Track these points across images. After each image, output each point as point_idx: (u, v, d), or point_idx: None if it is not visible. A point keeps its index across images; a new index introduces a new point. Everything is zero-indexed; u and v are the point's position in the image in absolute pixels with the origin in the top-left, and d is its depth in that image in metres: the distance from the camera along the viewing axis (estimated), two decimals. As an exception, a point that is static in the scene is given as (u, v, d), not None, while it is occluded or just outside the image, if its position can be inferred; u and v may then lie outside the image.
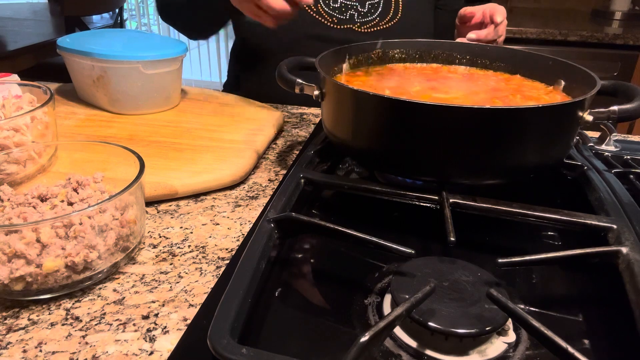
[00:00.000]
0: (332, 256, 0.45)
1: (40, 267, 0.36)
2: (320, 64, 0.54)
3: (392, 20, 0.91)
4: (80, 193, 0.44)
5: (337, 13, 0.89)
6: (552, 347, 0.29)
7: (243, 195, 0.55)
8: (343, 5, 0.89)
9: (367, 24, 0.91)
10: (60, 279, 0.37)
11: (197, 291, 0.40)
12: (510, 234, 0.48)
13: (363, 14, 0.90)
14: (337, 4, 0.89)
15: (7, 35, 1.85)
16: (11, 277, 0.36)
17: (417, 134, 0.44)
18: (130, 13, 3.62)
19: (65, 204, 0.43)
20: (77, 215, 0.37)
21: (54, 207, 0.43)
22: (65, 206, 0.43)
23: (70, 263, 0.37)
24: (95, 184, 0.45)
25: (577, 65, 0.54)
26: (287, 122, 0.79)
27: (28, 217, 0.40)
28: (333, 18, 0.89)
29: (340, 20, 0.90)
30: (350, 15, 0.90)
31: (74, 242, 0.37)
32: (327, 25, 0.89)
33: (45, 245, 0.37)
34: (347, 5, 0.89)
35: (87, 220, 0.38)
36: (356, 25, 0.90)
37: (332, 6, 0.89)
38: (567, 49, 1.74)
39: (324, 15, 0.89)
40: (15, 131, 0.51)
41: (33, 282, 0.37)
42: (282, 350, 0.33)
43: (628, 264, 0.36)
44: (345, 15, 0.89)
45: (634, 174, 0.55)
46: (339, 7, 0.89)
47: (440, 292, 0.35)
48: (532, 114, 0.42)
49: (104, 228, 0.39)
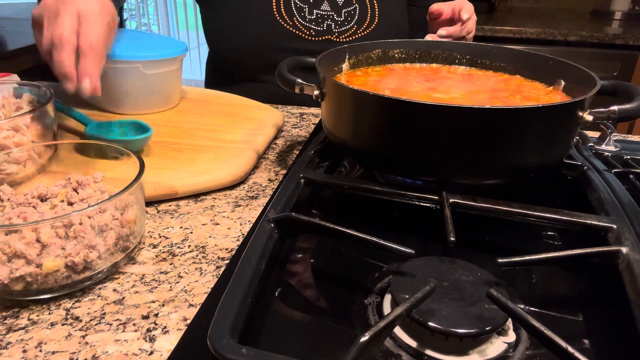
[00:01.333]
0: (332, 256, 0.45)
1: (40, 267, 0.36)
2: (320, 64, 0.54)
3: (370, 27, 0.91)
4: (80, 193, 0.44)
5: (314, 25, 0.89)
6: (552, 347, 0.29)
7: (243, 195, 0.55)
8: (319, 16, 0.88)
9: (345, 32, 0.90)
10: (60, 279, 0.37)
11: (197, 291, 0.40)
12: (510, 234, 0.48)
13: (340, 23, 0.89)
14: (314, 16, 0.88)
15: (7, 35, 1.85)
16: (11, 277, 0.36)
17: (417, 134, 0.44)
18: (130, 13, 3.62)
19: (65, 204, 0.43)
20: (77, 215, 0.37)
21: (54, 207, 0.43)
22: (65, 206, 0.43)
23: (70, 263, 0.37)
24: (95, 183, 0.45)
25: (577, 65, 0.54)
26: (287, 122, 0.79)
27: (28, 217, 0.40)
28: (310, 30, 0.89)
29: (317, 32, 0.89)
30: (327, 25, 0.89)
31: (74, 242, 0.37)
32: (305, 38, 0.89)
33: (45, 245, 0.37)
34: (323, 16, 0.89)
35: (87, 220, 0.38)
36: (334, 36, 0.90)
37: (309, 18, 0.88)
38: (567, 49, 1.74)
39: (300, 28, 0.88)
40: (15, 131, 0.51)
41: (33, 282, 0.37)
42: (282, 350, 0.33)
43: (628, 264, 0.36)
44: (322, 26, 0.89)
45: (634, 174, 0.55)
46: (315, 18, 0.89)
47: (440, 292, 0.35)
48: (532, 114, 0.42)
49: (104, 228, 0.39)
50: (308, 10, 0.88)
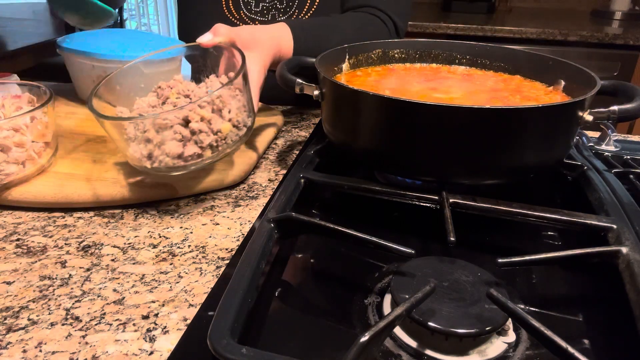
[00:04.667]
0: (332, 256, 0.45)
1: (219, 132, 0.47)
2: (320, 64, 0.54)
3: (311, 10, 0.90)
4: (181, 89, 0.54)
5: (260, 16, 0.89)
6: (552, 347, 0.29)
7: (243, 195, 0.55)
8: (265, 7, 0.89)
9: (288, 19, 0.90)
10: (234, 138, 0.49)
11: (197, 291, 0.40)
12: (510, 234, 0.48)
13: (283, 11, 0.89)
14: (259, 8, 0.89)
15: (7, 35, 1.85)
16: (200, 145, 0.46)
17: (417, 134, 0.44)
18: (130, 13, 3.62)
19: (183, 97, 0.53)
20: (224, 90, 0.48)
21: (176, 101, 0.53)
22: (184, 98, 0.53)
23: (235, 123, 0.49)
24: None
25: (577, 65, 0.54)
26: (287, 122, 0.79)
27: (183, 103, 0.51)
28: (255, 22, 0.89)
29: (262, 23, 0.89)
30: (272, 15, 0.90)
31: (227, 110, 0.48)
32: None
33: (209, 120, 0.47)
34: (268, 7, 0.89)
35: (227, 91, 0.48)
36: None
37: (255, 10, 0.89)
38: (567, 49, 1.74)
39: (247, 21, 0.89)
40: (15, 131, 0.51)
41: (216, 147, 0.48)
42: (282, 350, 0.33)
43: (628, 264, 0.36)
44: (267, 17, 0.89)
45: (634, 174, 0.55)
46: (260, 10, 0.89)
47: (440, 292, 0.35)
48: (532, 114, 0.42)
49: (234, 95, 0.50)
50: (254, 4, 0.89)
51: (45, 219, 0.50)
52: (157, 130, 0.46)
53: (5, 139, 0.50)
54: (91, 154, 0.60)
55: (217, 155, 0.49)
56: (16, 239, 0.46)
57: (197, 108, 0.46)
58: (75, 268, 0.42)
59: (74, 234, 0.47)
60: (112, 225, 0.49)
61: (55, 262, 0.43)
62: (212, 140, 0.47)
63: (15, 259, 0.43)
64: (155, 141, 0.46)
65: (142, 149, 0.47)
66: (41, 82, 0.60)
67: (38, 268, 0.42)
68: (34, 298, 0.39)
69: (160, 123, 0.45)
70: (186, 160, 0.47)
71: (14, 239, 0.47)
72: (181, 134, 0.46)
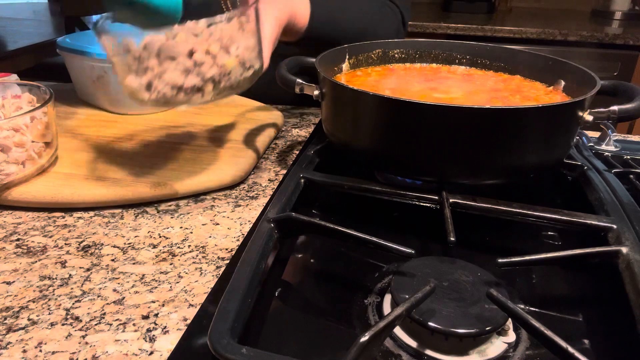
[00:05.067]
0: (332, 256, 0.45)
1: (224, 66, 0.44)
2: (319, 64, 0.54)
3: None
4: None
5: None
6: (552, 347, 0.29)
7: (243, 195, 0.55)
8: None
9: None
10: (238, 76, 0.46)
11: (197, 291, 0.40)
12: (510, 234, 0.48)
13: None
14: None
15: (7, 35, 1.85)
16: (204, 79, 0.43)
17: (417, 134, 0.44)
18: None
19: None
20: (229, 24, 0.45)
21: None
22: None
23: (241, 60, 0.45)
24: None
25: (577, 65, 0.54)
26: (287, 122, 0.79)
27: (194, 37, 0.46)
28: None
29: None
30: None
31: (235, 47, 0.45)
32: None
33: (215, 55, 0.44)
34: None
35: (236, 24, 0.45)
36: None
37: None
38: (567, 49, 1.74)
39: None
40: (15, 131, 0.51)
41: (219, 83, 0.44)
42: (282, 350, 0.33)
43: (628, 264, 0.36)
44: None
45: (634, 174, 0.55)
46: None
47: (440, 292, 0.35)
48: (532, 114, 0.42)
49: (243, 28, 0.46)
50: None
51: (45, 219, 0.50)
52: (160, 56, 0.44)
53: (5, 139, 0.50)
54: (91, 154, 0.60)
55: (219, 92, 0.46)
56: (16, 239, 0.46)
57: (204, 41, 0.44)
58: (75, 268, 0.42)
59: (74, 234, 0.47)
60: (112, 225, 0.49)
61: (55, 262, 0.43)
62: (214, 74, 0.44)
63: (15, 259, 0.44)
64: (156, 71, 0.44)
65: (141, 78, 0.45)
66: (41, 82, 0.60)
67: (38, 268, 0.42)
68: (34, 298, 0.39)
69: (168, 47, 0.43)
70: (186, 93, 0.45)
71: (14, 239, 0.47)
72: (184, 64, 0.44)
